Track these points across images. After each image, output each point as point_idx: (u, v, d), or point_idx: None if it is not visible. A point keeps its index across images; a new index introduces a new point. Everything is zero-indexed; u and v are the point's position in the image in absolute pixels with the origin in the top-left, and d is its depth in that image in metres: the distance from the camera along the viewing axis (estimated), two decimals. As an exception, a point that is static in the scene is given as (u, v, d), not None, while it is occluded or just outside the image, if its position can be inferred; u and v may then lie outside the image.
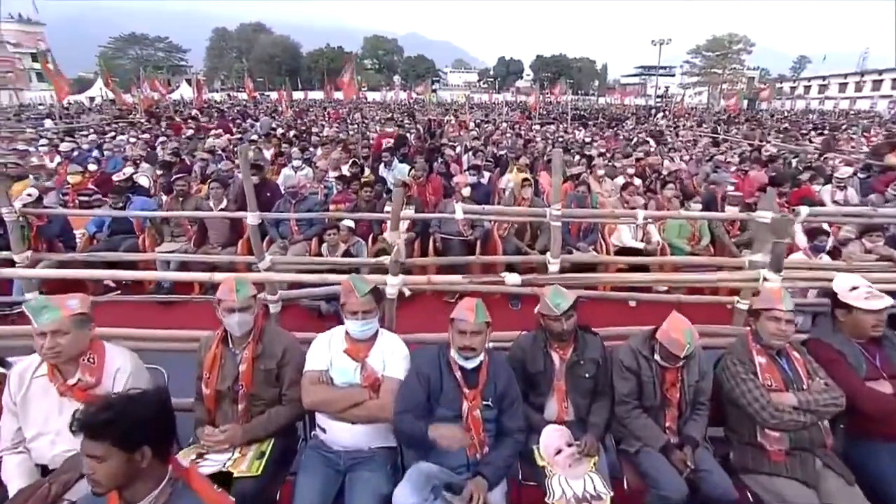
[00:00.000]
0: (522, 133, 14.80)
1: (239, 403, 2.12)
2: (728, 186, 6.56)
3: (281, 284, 4.68)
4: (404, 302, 2.64)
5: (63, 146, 9.05)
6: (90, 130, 13.22)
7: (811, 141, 14.52)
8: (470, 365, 2.05)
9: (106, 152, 9.02)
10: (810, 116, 34.54)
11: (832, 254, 4.84)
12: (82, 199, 6.01)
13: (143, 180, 7.04)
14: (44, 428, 1.90)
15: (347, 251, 4.76)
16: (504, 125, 18.04)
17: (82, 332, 1.94)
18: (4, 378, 1.97)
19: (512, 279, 2.47)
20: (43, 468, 1.92)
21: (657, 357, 2.25)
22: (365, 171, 7.22)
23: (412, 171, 6.42)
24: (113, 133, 12.22)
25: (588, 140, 13.58)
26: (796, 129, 18.78)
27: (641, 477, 2.17)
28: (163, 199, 5.87)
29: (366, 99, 41.64)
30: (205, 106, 24.60)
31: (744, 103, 35.01)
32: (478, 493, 1.85)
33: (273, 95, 37.04)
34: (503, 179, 7.79)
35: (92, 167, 7.06)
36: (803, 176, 7.21)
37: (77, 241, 5.21)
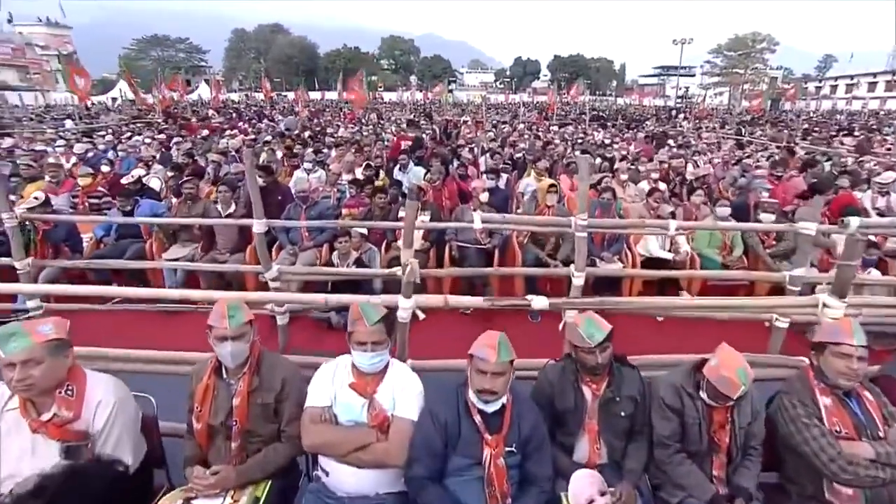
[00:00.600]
0: (541, 134, 14.46)
1: (233, 441, 1.90)
2: (762, 193, 6.18)
3: (289, 294, 4.51)
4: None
5: (77, 147, 9.01)
6: (108, 131, 13.27)
7: (842, 143, 13.92)
8: (491, 409, 1.81)
9: (120, 153, 8.96)
10: (838, 117, 33.41)
11: (880, 267, 4.49)
12: (92, 202, 5.90)
13: (155, 182, 6.94)
14: (16, 469, 1.69)
15: (359, 259, 4.54)
16: (521, 126, 17.73)
17: (58, 361, 1.72)
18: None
19: (539, 303, 2.21)
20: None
21: (703, 395, 1.98)
22: (380, 175, 7.02)
23: (428, 175, 6.18)
24: (129, 133, 12.21)
25: (608, 142, 13.19)
26: (825, 130, 18.10)
27: (685, 533, 1.90)
28: (173, 203, 5.72)
29: (382, 99, 41.63)
30: (222, 106, 24.74)
31: (767, 104, 34.03)
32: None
33: (290, 96, 37.19)
34: (521, 183, 7.51)
35: (104, 168, 6.97)
36: (842, 181, 6.79)
37: (84, 245, 5.09)
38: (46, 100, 30.73)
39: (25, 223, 4.54)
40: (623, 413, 2.05)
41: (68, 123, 16.16)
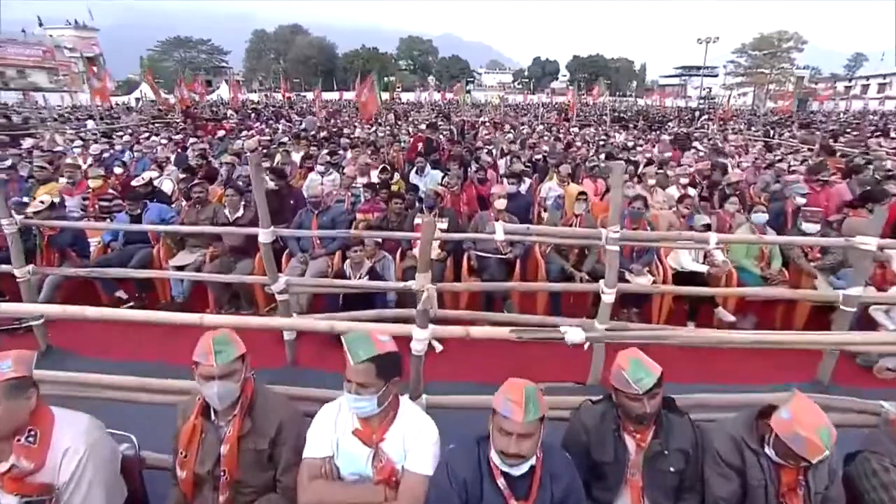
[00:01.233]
0: (561, 136, 14.07)
1: (220, 493, 1.65)
2: (797, 198, 5.75)
3: (296, 307, 4.29)
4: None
5: (93, 148, 8.96)
6: (128, 131, 13.31)
7: (880, 145, 13.22)
8: (517, 472, 1.53)
9: (136, 153, 8.89)
10: (871, 118, 32.13)
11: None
12: (102, 204, 5.79)
13: (167, 184, 6.81)
14: (-30, 528, 1.49)
15: (373, 269, 4.29)
16: (541, 127, 17.34)
17: (17, 403, 1.49)
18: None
19: (574, 336, 1.92)
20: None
21: (769, 451, 1.67)
22: (395, 178, 6.76)
23: (445, 179, 5.91)
24: (147, 134, 12.20)
25: (630, 144, 12.74)
26: (859, 132, 17.29)
27: None
28: (183, 206, 5.55)
29: (400, 100, 41.49)
30: (241, 106, 24.86)
31: (795, 104, 32.95)
32: None
33: (309, 96, 37.33)
34: (543, 188, 7.19)
35: (117, 170, 6.86)
36: (890, 187, 6.29)
37: (91, 250, 4.95)
38: (74, 100, 31.36)
39: (32, 228, 4.43)
40: (672, 468, 1.75)
41: (90, 124, 16.33)
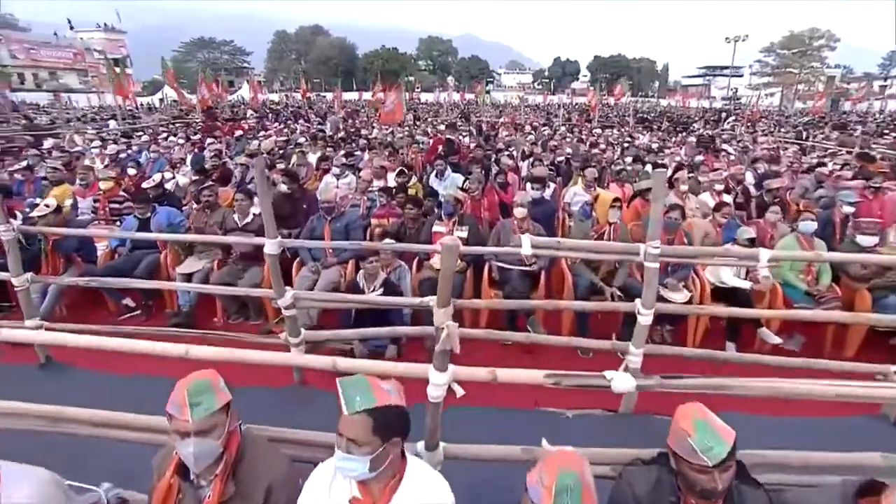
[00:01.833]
0: (584, 138, 13.64)
1: (198, 569, 1.40)
2: (844, 207, 5.30)
3: (304, 322, 4.04)
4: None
5: (109, 148, 8.90)
6: (147, 131, 13.33)
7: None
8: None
9: (152, 154, 8.79)
10: (909, 117, 30.73)
11: None
12: (113, 207, 5.65)
13: (183, 182, 6.67)
14: None
15: (388, 280, 4.02)
16: (563, 129, 16.91)
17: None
18: None
19: (622, 383, 1.60)
20: None
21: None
22: (412, 181, 6.49)
23: (466, 183, 5.61)
24: (165, 134, 12.16)
25: (655, 146, 12.23)
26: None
27: None
28: (192, 210, 5.37)
29: (419, 100, 41.32)
30: (261, 106, 24.95)
31: (828, 105, 31.72)
32: None
33: (329, 96, 37.46)
34: (568, 192, 6.84)
35: (131, 171, 6.74)
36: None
37: (98, 255, 4.80)
38: (101, 101, 31.98)
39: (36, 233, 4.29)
40: (745, 552, 1.43)
41: (112, 124, 16.48)
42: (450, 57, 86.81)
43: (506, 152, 8.95)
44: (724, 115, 27.89)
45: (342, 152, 8.52)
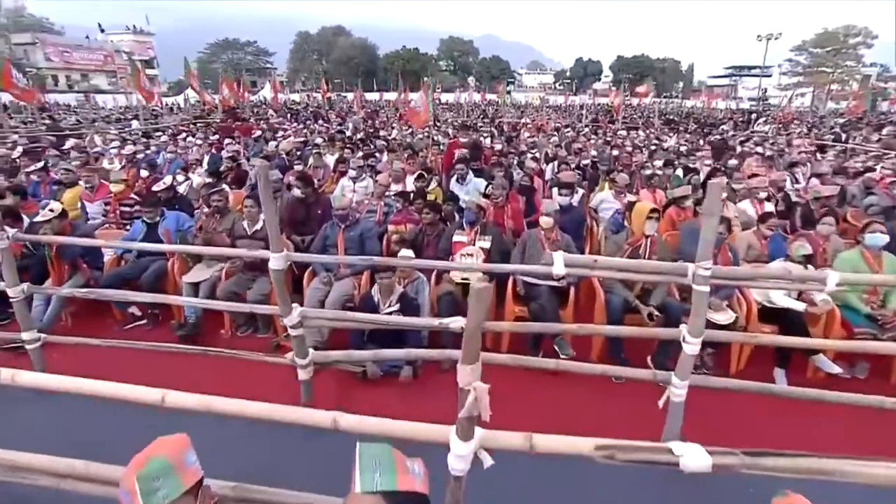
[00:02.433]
0: (610, 139, 13.15)
1: None
2: (904, 219, 4.81)
3: (317, 336, 3.78)
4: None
5: (126, 148, 8.81)
6: (168, 131, 13.33)
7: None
8: None
9: (169, 154, 8.68)
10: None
11: None
12: (124, 210, 5.50)
13: (196, 180, 6.50)
14: None
15: (404, 294, 3.72)
16: (587, 130, 16.45)
17: None
18: None
19: (695, 460, 1.25)
20: None
21: None
22: (432, 185, 6.18)
23: (489, 188, 5.27)
24: (185, 134, 12.10)
25: (683, 148, 11.66)
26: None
27: None
28: (201, 215, 5.17)
29: (439, 100, 41.07)
30: (281, 106, 25.04)
31: (868, 105, 30.29)
32: None
33: (350, 96, 37.54)
34: (595, 198, 6.46)
35: (144, 172, 6.59)
36: None
37: (105, 261, 4.63)
38: (129, 101, 32.61)
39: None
40: None
41: (135, 124, 16.61)
42: (471, 57, 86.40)
43: (529, 155, 8.59)
44: (755, 117, 26.92)
45: (360, 154, 8.27)
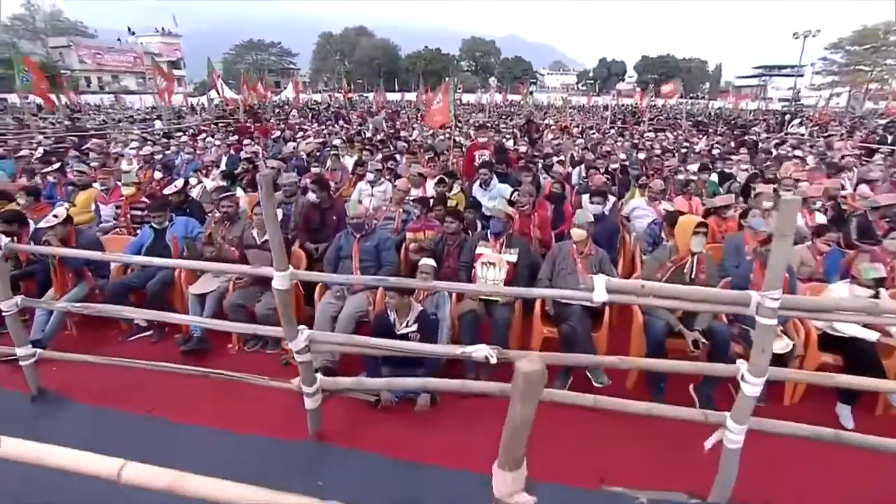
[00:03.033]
0: (637, 142, 12.59)
1: None
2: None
3: (328, 356, 3.49)
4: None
5: (144, 149, 8.69)
6: (188, 131, 13.28)
7: None
8: None
9: (187, 155, 8.53)
10: None
11: None
12: (135, 213, 5.32)
13: (209, 184, 6.30)
14: None
15: (422, 314, 3.39)
16: (612, 132, 15.88)
17: None
18: None
19: None
20: None
21: None
22: (454, 189, 5.84)
23: (515, 195, 4.90)
24: (204, 134, 12.00)
25: (714, 151, 11.01)
26: None
27: None
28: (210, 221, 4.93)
29: (461, 101, 40.67)
30: (302, 106, 25.03)
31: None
32: None
33: (371, 96, 37.51)
34: (627, 206, 6.02)
35: (157, 174, 6.42)
36: None
37: (111, 268, 4.43)
38: (156, 102, 33.18)
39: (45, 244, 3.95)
40: None
41: (157, 124, 16.71)
42: (492, 58, 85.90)
43: (555, 158, 8.19)
44: (788, 118, 25.82)
45: (379, 156, 7.99)
